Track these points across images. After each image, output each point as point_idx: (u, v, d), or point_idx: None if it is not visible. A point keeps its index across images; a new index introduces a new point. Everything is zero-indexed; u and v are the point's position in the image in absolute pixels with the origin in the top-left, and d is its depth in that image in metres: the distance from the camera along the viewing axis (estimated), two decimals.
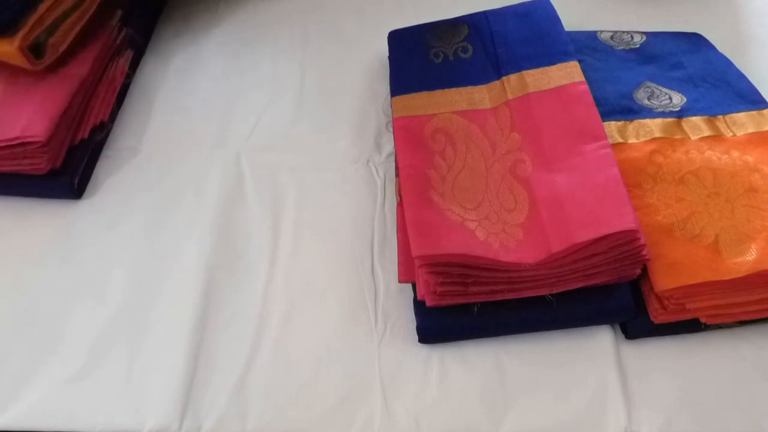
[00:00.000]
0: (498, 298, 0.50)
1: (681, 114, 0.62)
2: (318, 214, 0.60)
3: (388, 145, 0.65)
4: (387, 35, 0.69)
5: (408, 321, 0.53)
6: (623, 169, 0.56)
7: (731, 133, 0.60)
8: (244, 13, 0.79)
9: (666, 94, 0.64)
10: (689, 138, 0.60)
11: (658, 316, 0.51)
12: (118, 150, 0.65)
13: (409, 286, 0.54)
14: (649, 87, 0.65)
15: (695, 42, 0.71)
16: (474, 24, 0.67)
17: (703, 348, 0.52)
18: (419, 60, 0.65)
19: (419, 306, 0.52)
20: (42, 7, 0.59)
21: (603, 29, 0.72)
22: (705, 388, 0.50)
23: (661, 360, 0.52)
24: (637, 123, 0.61)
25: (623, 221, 0.48)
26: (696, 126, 0.61)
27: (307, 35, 0.77)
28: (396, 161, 0.57)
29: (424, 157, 0.56)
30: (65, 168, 0.60)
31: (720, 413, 0.49)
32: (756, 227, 0.52)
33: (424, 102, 0.61)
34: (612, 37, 0.71)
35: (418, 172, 0.55)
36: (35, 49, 0.59)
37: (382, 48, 0.70)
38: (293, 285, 0.55)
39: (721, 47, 0.70)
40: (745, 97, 0.63)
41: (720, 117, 0.62)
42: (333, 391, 0.50)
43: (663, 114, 0.62)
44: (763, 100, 0.63)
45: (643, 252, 0.49)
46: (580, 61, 0.61)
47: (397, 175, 0.57)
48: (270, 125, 0.67)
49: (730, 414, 0.49)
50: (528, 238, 0.51)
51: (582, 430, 0.49)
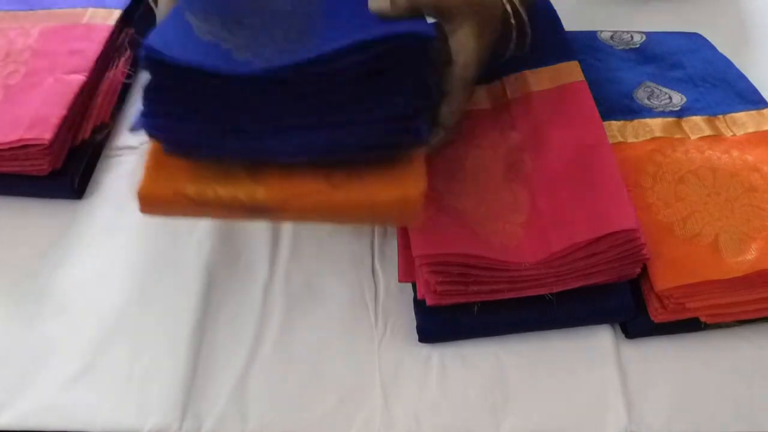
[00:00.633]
0: (498, 297, 0.50)
1: (681, 114, 0.62)
2: None
3: None
4: None
5: (408, 320, 0.53)
6: (623, 169, 0.56)
7: (731, 133, 0.60)
8: None
9: (666, 93, 0.64)
10: (689, 137, 0.60)
11: (658, 315, 0.51)
12: (118, 150, 0.65)
13: (409, 285, 0.54)
14: (649, 87, 0.65)
15: (695, 42, 0.71)
16: None
17: (703, 347, 0.52)
18: None
19: (419, 305, 0.52)
20: None
21: (603, 29, 0.72)
22: (705, 387, 0.50)
23: (661, 360, 0.52)
24: (637, 122, 0.61)
25: (623, 220, 0.48)
26: (696, 125, 0.61)
27: None
28: None
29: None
30: (66, 168, 0.60)
31: (720, 413, 0.49)
32: (756, 226, 0.52)
33: None
34: (612, 37, 0.71)
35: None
36: None
37: None
38: (293, 285, 0.55)
39: (721, 47, 0.70)
40: (745, 97, 0.63)
41: (720, 117, 0.62)
42: (333, 391, 0.50)
43: (663, 113, 0.62)
44: (763, 99, 0.63)
45: (643, 251, 0.49)
46: (580, 61, 0.61)
47: None
48: None
49: (729, 414, 0.49)
50: (528, 237, 0.51)
51: (582, 429, 0.49)
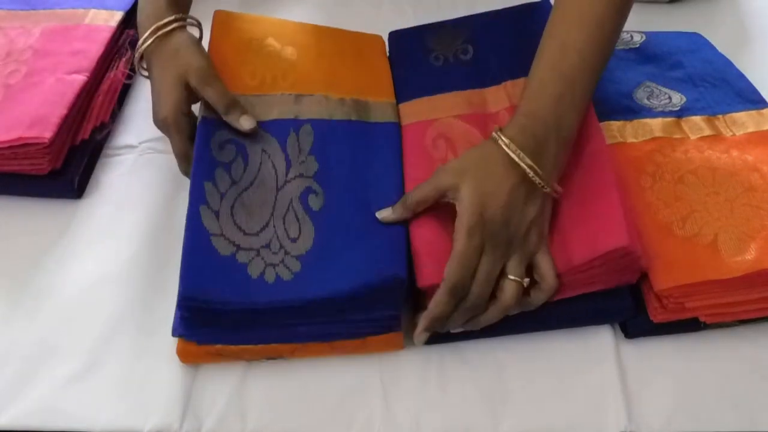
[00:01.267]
0: None
1: (681, 113, 0.62)
2: None
3: None
4: (387, 35, 0.69)
5: (408, 321, 0.53)
6: (623, 169, 0.56)
7: (731, 133, 0.60)
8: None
9: (666, 93, 0.64)
10: (689, 137, 0.60)
11: (657, 315, 0.51)
12: (118, 150, 0.65)
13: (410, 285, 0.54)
14: (649, 87, 0.65)
15: (695, 42, 0.71)
16: (475, 26, 0.67)
17: (703, 347, 0.52)
18: (420, 64, 0.65)
19: (420, 309, 0.52)
20: None
21: None
22: (705, 387, 0.50)
23: (661, 360, 0.52)
24: (637, 122, 0.61)
25: (616, 239, 0.48)
26: (695, 125, 0.61)
27: None
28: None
29: (426, 168, 0.56)
30: (66, 168, 0.60)
31: (719, 412, 0.49)
32: (755, 226, 0.52)
33: (424, 107, 0.61)
34: None
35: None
36: None
37: None
38: None
39: (721, 47, 0.70)
40: (745, 97, 0.63)
41: (719, 116, 0.62)
42: (333, 391, 0.50)
43: (663, 113, 0.62)
44: (763, 99, 0.63)
45: (639, 263, 0.49)
46: None
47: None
48: None
49: (729, 413, 0.49)
50: None
51: (582, 430, 0.49)
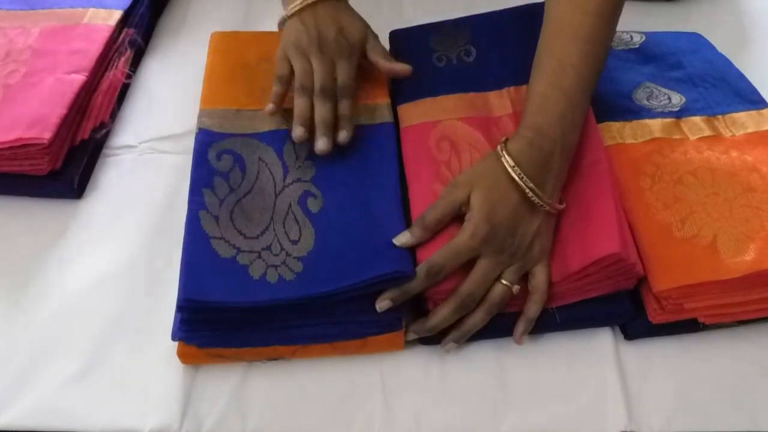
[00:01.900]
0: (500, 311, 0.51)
1: (680, 114, 0.62)
2: None
3: None
4: (388, 35, 0.69)
5: (408, 321, 0.52)
6: (622, 170, 0.57)
7: (730, 133, 0.60)
8: (244, 14, 0.79)
9: (665, 94, 0.64)
10: (688, 138, 0.60)
11: (656, 316, 0.51)
12: (118, 150, 0.65)
13: None
14: (648, 87, 0.65)
15: (695, 42, 0.71)
16: (476, 27, 0.67)
17: (703, 348, 0.52)
18: (423, 65, 0.65)
19: (422, 309, 0.52)
20: None
21: None
22: (704, 387, 0.50)
23: (661, 360, 0.52)
24: (636, 123, 0.61)
25: (608, 245, 0.49)
26: (695, 126, 0.61)
27: None
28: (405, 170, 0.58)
29: (429, 170, 0.56)
30: (65, 168, 0.60)
31: (719, 413, 0.49)
32: (754, 227, 0.52)
33: (428, 108, 0.61)
34: None
35: (426, 189, 0.55)
36: None
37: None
38: None
39: (721, 47, 0.70)
40: (745, 97, 0.63)
41: (719, 117, 0.62)
42: (333, 391, 0.50)
43: (662, 114, 0.62)
44: (763, 99, 0.63)
45: (635, 269, 0.50)
46: None
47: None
48: None
49: (729, 413, 0.49)
50: None
51: (582, 430, 0.49)
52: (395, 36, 0.69)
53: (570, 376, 0.51)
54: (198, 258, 0.49)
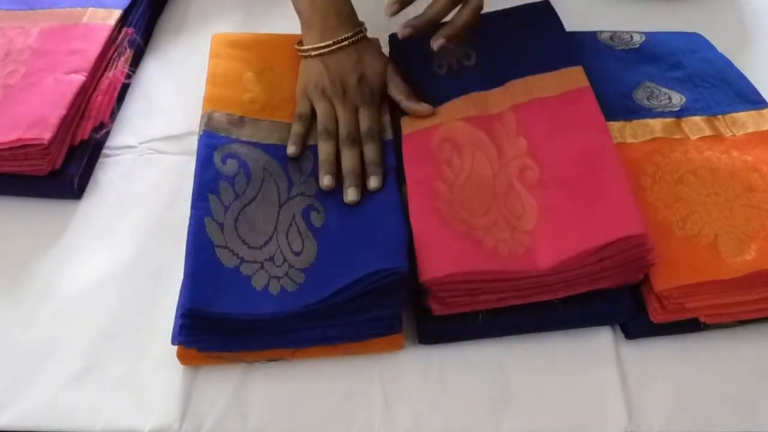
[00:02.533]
0: (506, 304, 0.51)
1: (680, 114, 0.62)
2: None
3: None
4: (388, 37, 0.69)
5: (409, 320, 0.53)
6: (626, 169, 0.56)
7: (731, 133, 0.60)
8: (244, 14, 0.79)
9: (665, 94, 0.64)
10: (689, 138, 0.60)
11: (657, 315, 0.51)
12: (117, 150, 0.65)
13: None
14: (649, 87, 0.65)
15: (695, 42, 0.71)
16: (476, 28, 0.67)
17: (703, 348, 0.52)
18: (423, 73, 0.65)
19: (421, 308, 0.52)
20: None
21: (603, 29, 0.72)
22: (705, 387, 0.50)
23: (661, 360, 0.52)
24: (637, 123, 0.61)
25: (631, 226, 0.48)
26: (695, 126, 0.61)
27: None
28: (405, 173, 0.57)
29: (430, 169, 0.56)
30: (65, 168, 0.60)
31: (720, 413, 0.49)
32: (755, 227, 0.52)
33: (431, 116, 0.61)
34: (611, 38, 0.71)
35: (424, 186, 0.55)
36: None
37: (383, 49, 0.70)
38: None
39: (721, 47, 0.70)
40: (745, 97, 0.63)
41: (719, 117, 0.62)
42: (333, 392, 0.50)
43: (662, 114, 0.62)
44: (763, 99, 0.63)
45: (650, 255, 0.49)
46: (581, 62, 0.61)
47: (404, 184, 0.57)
48: None
49: (729, 414, 0.49)
50: (537, 244, 0.51)
51: (582, 430, 0.49)
52: (394, 39, 0.68)
53: (570, 376, 0.51)
54: (202, 267, 0.49)
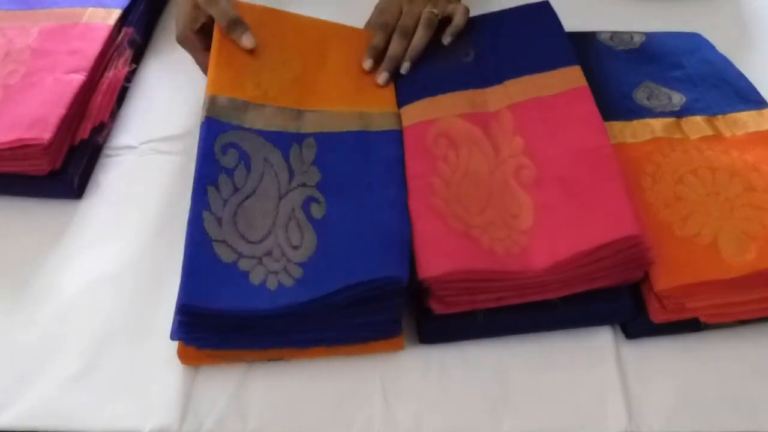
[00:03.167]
0: (505, 303, 0.51)
1: (680, 114, 0.62)
2: None
3: None
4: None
5: (408, 320, 0.53)
6: (622, 169, 0.56)
7: (731, 133, 0.60)
8: None
9: (665, 93, 0.64)
10: (688, 138, 0.60)
11: (657, 315, 0.51)
12: (118, 150, 0.65)
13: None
14: (649, 87, 0.65)
15: (695, 42, 0.71)
16: (475, 27, 0.67)
17: (703, 347, 0.52)
18: (421, 66, 0.65)
19: (421, 308, 0.52)
20: None
21: (602, 30, 0.72)
22: (705, 387, 0.50)
23: (661, 360, 0.52)
24: (637, 123, 0.61)
25: (627, 227, 0.48)
26: (695, 125, 0.61)
27: None
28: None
29: (427, 165, 0.56)
30: (65, 168, 0.60)
31: (720, 413, 0.49)
32: (755, 226, 0.52)
33: (426, 107, 0.61)
34: (611, 38, 0.71)
35: (421, 182, 0.55)
36: None
37: None
38: None
39: (721, 47, 0.70)
40: (745, 97, 0.63)
41: (719, 117, 0.62)
42: (333, 392, 0.50)
43: (662, 114, 0.62)
44: (763, 99, 0.63)
45: (648, 255, 0.49)
46: (579, 63, 0.61)
47: None
48: None
49: (730, 414, 0.49)
50: (533, 244, 0.51)
51: (582, 430, 0.49)
52: None
53: (570, 376, 0.51)
54: (199, 262, 0.49)
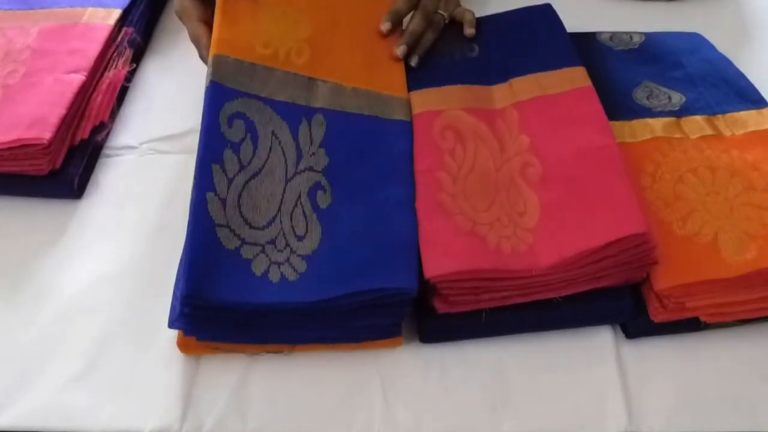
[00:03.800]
0: (509, 302, 0.51)
1: (680, 113, 0.62)
2: None
3: None
4: None
5: (408, 320, 0.53)
6: (628, 168, 0.56)
7: (730, 132, 0.60)
8: None
9: (665, 93, 0.64)
10: (688, 137, 0.60)
11: (657, 315, 0.51)
12: (117, 150, 0.65)
13: None
14: (648, 87, 0.65)
15: (695, 42, 0.71)
16: (480, 27, 0.67)
17: (703, 347, 0.52)
18: (427, 60, 0.65)
19: (421, 307, 0.52)
20: None
21: (602, 30, 0.72)
22: (705, 387, 0.50)
23: (661, 360, 0.52)
24: (637, 123, 0.61)
25: (634, 224, 0.48)
26: (695, 125, 0.61)
27: None
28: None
29: (433, 158, 0.56)
30: (65, 168, 0.60)
31: (720, 413, 0.49)
32: (755, 225, 0.53)
33: (432, 98, 0.61)
34: (611, 38, 0.71)
35: (428, 177, 0.55)
36: None
37: None
38: None
39: (721, 47, 0.70)
40: (745, 97, 0.64)
41: (719, 116, 0.62)
42: (333, 392, 0.50)
43: (662, 113, 0.62)
44: (763, 99, 0.63)
45: (653, 254, 0.49)
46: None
47: None
48: None
49: (729, 414, 0.49)
50: (539, 242, 0.51)
51: (582, 430, 0.49)
52: None
53: (570, 376, 0.51)
54: (202, 249, 0.48)
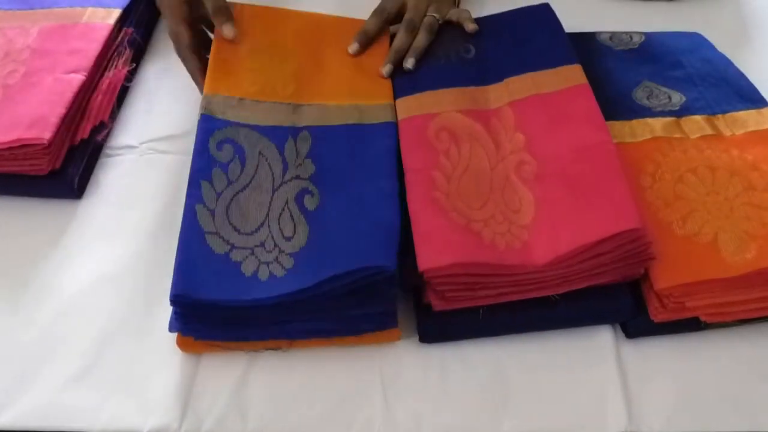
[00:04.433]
0: (506, 299, 0.51)
1: (680, 113, 0.62)
2: None
3: None
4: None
5: (409, 319, 0.53)
6: (624, 165, 0.56)
7: (730, 132, 0.60)
8: None
9: (665, 93, 0.64)
10: (688, 137, 0.60)
11: (657, 314, 0.51)
12: (118, 150, 0.65)
13: None
14: (648, 86, 0.65)
15: (695, 42, 0.71)
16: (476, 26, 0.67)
17: (703, 347, 0.52)
18: (422, 62, 0.65)
19: (421, 306, 0.52)
20: None
21: (602, 30, 0.72)
22: (705, 387, 0.50)
23: (661, 359, 0.52)
24: (637, 122, 0.61)
25: (628, 220, 0.48)
26: (695, 125, 0.61)
27: None
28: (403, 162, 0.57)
29: (428, 158, 0.56)
30: (65, 168, 0.60)
31: (720, 413, 0.49)
32: (755, 225, 0.53)
33: (427, 101, 0.61)
34: (611, 38, 0.71)
35: (422, 175, 0.55)
36: None
37: None
38: None
39: (721, 47, 0.70)
40: (745, 96, 0.64)
41: (719, 116, 0.62)
42: (333, 391, 0.50)
43: (662, 113, 0.62)
44: (763, 99, 0.63)
45: (649, 249, 0.49)
46: (579, 63, 0.62)
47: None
48: None
49: (729, 413, 0.49)
50: (534, 239, 0.51)
51: (582, 430, 0.49)
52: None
53: (570, 375, 0.51)
54: (192, 253, 0.49)
